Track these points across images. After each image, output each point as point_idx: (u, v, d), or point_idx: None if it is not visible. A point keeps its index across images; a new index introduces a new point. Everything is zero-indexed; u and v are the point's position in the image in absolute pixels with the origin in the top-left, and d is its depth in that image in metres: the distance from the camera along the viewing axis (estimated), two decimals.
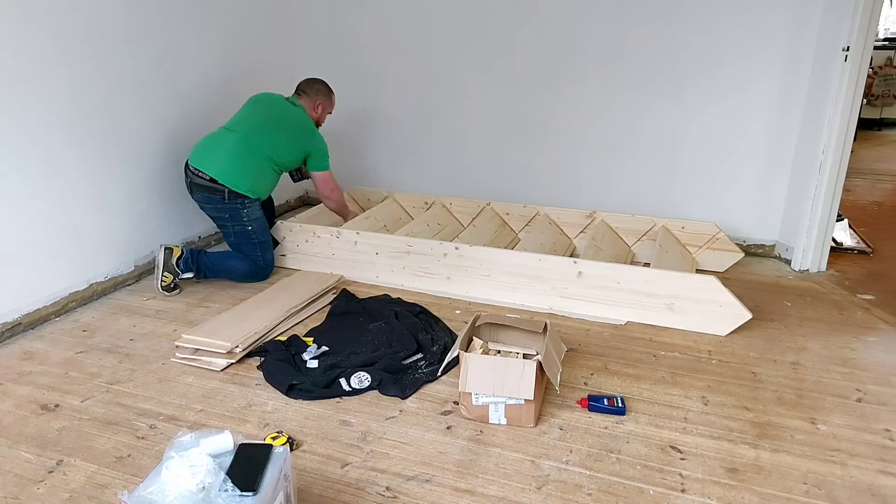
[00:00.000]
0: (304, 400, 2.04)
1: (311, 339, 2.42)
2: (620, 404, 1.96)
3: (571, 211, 3.42)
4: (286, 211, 4.11)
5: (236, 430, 1.75)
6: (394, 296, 2.82)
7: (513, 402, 1.86)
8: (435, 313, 2.65)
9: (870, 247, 3.38)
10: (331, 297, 2.80)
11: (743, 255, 3.14)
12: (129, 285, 2.98)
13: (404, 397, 2.05)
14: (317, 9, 3.87)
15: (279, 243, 3.16)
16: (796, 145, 3.12)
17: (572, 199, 3.58)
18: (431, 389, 2.11)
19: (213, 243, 3.50)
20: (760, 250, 3.34)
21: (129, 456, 1.78)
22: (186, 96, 3.19)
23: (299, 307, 2.63)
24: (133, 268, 3.01)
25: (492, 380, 1.85)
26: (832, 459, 1.75)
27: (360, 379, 2.11)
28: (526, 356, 2.04)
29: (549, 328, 2.10)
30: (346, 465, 1.74)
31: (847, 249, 3.34)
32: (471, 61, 3.63)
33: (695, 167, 3.35)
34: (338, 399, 2.05)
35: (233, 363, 2.26)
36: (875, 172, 5.25)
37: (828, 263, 3.11)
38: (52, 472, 1.72)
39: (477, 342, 2.04)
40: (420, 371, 2.19)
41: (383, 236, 2.99)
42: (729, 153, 3.27)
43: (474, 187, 3.80)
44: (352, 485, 1.66)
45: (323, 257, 3.09)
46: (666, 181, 3.42)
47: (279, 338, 2.41)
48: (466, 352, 1.94)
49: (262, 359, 2.27)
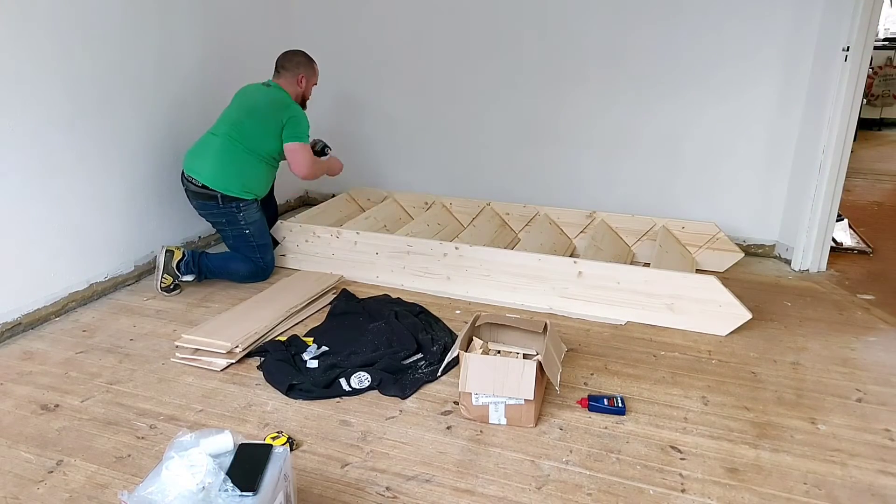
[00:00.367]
0: (304, 400, 2.04)
1: (311, 339, 2.42)
2: (620, 404, 1.96)
3: (571, 211, 3.42)
4: (286, 211, 4.10)
5: (236, 430, 1.75)
6: (394, 296, 2.82)
7: (513, 402, 1.86)
8: (435, 313, 2.65)
9: (870, 247, 3.37)
10: (331, 297, 2.80)
11: (743, 255, 3.14)
12: (129, 285, 2.98)
13: (404, 397, 2.05)
14: (316, 8, 3.87)
15: (279, 243, 3.16)
16: (796, 145, 3.12)
17: (572, 199, 3.58)
18: (431, 389, 2.11)
19: (213, 243, 3.50)
20: (760, 250, 3.34)
21: (129, 456, 1.78)
22: (186, 96, 3.19)
23: (299, 307, 2.63)
24: (133, 268, 3.01)
25: (492, 380, 1.85)
26: (832, 459, 1.75)
27: (360, 379, 2.11)
28: (526, 356, 2.04)
29: (549, 328, 2.10)
30: (346, 465, 1.74)
31: (847, 249, 3.34)
32: (471, 61, 3.63)
33: (695, 167, 3.35)
34: (338, 399, 2.05)
35: (233, 363, 2.26)
36: (875, 172, 5.25)
37: (828, 263, 3.11)
38: (52, 472, 1.72)
39: (477, 342, 2.04)
40: (420, 371, 2.19)
41: (383, 236, 2.99)
42: (729, 153, 3.27)
43: (474, 187, 3.80)
44: (352, 485, 1.66)
45: (323, 257, 3.09)
46: (666, 181, 3.42)
47: (279, 338, 2.41)
48: (466, 352, 1.94)
49: (262, 359, 2.27)
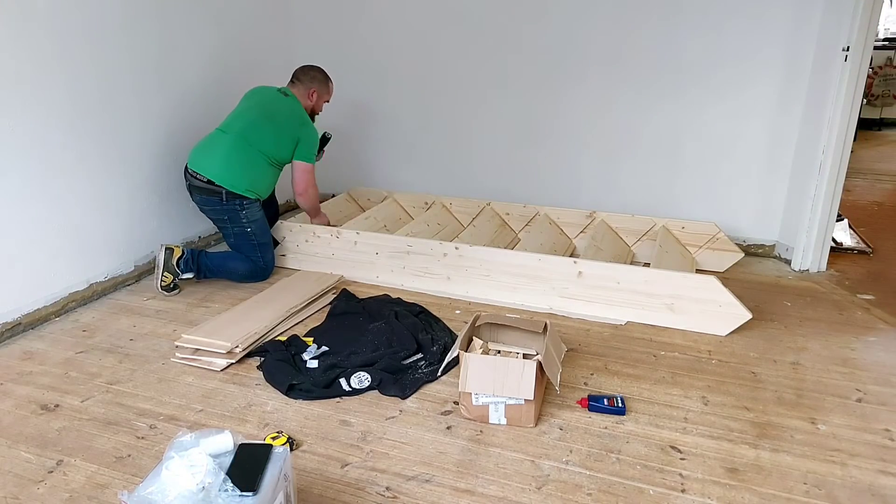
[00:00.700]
0: (304, 400, 2.04)
1: (311, 339, 2.42)
2: (620, 404, 1.96)
3: (571, 211, 3.42)
4: (286, 211, 4.10)
5: (236, 430, 1.74)
6: (394, 296, 2.82)
7: (513, 402, 1.86)
8: (435, 313, 2.65)
9: (870, 247, 3.37)
10: (331, 297, 2.80)
11: (743, 255, 3.14)
12: (129, 285, 2.98)
13: (404, 397, 2.05)
14: (316, 7, 3.87)
15: (279, 243, 3.16)
16: (796, 145, 3.12)
17: (572, 199, 3.58)
18: (431, 389, 2.11)
19: (213, 243, 3.50)
20: (760, 250, 3.34)
21: (129, 456, 1.78)
22: (186, 96, 3.19)
23: (299, 307, 2.63)
24: (133, 268, 3.01)
25: (492, 380, 1.85)
26: (832, 459, 1.75)
27: (360, 379, 2.11)
28: (526, 356, 2.04)
29: (549, 328, 2.10)
30: (346, 465, 1.74)
31: (847, 249, 3.34)
32: (471, 61, 3.63)
33: (695, 167, 3.35)
34: (338, 399, 2.05)
35: (233, 363, 2.26)
36: (875, 172, 5.25)
37: (828, 263, 3.11)
38: (52, 472, 1.72)
39: (477, 342, 2.04)
40: (420, 371, 2.19)
41: (383, 236, 2.99)
42: (729, 153, 3.27)
43: (474, 187, 3.80)
44: (352, 485, 1.66)
45: (323, 257, 3.09)
46: (666, 181, 3.42)
47: (279, 338, 2.41)
48: (466, 352, 1.94)
49: (262, 359, 2.27)
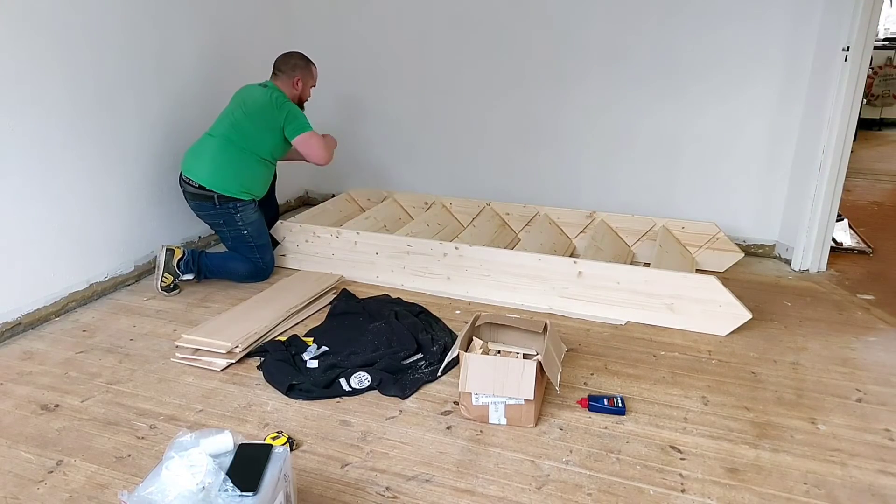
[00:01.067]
0: (304, 400, 2.04)
1: (311, 339, 2.42)
2: (620, 404, 1.96)
3: (571, 211, 3.41)
4: (286, 211, 4.10)
5: (236, 430, 1.75)
6: (394, 296, 2.82)
7: (513, 402, 1.86)
8: (435, 313, 2.65)
9: (870, 247, 3.37)
10: (331, 297, 2.80)
11: (743, 255, 3.14)
12: (129, 285, 2.98)
13: (404, 397, 2.05)
14: (316, 7, 3.87)
15: (279, 243, 3.16)
16: (796, 145, 3.12)
17: (572, 199, 3.58)
18: (431, 389, 2.11)
19: (213, 243, 3.50)
20: (760, 250, 3.34)
21: (129, 456, 1.78)
22: (186, 96, 3.19)
23: (299, 307, 2.63)
24: (133, 268, 3.01)
25: (492, 380, 1.85)
26: (832, 459, 1.76)
27: (360, 379, 2.11)
28: (526, 356, 2.04)
29: (549, 328, 2.10)
30: (346, 465, 1.74)
31: (847, 249, 3.34)
32: (471, 61, 3.63)
33: (695, 167, 3.35)
34: (338, 399, 2.05)
35: (233, 363, 2.26)
36: (875, 172, 5.25)
37: (828, 263, 3.11)
38: (52, 472, 1.72)
39: (477, 342, 2.04)
40: (420, 371, 2.19)
41: (383, 236, 2.99)
42: (729, 153, 3.27)
43: (474, 187, 3.80)
44: (352, 485, 1.66)
45: (323, 257, 3.09)
46: (666, 181, 3.42)
47: (279, 338, 2.41)
48: (466, 352, 1.94)
49: (262, 359, 2.27)
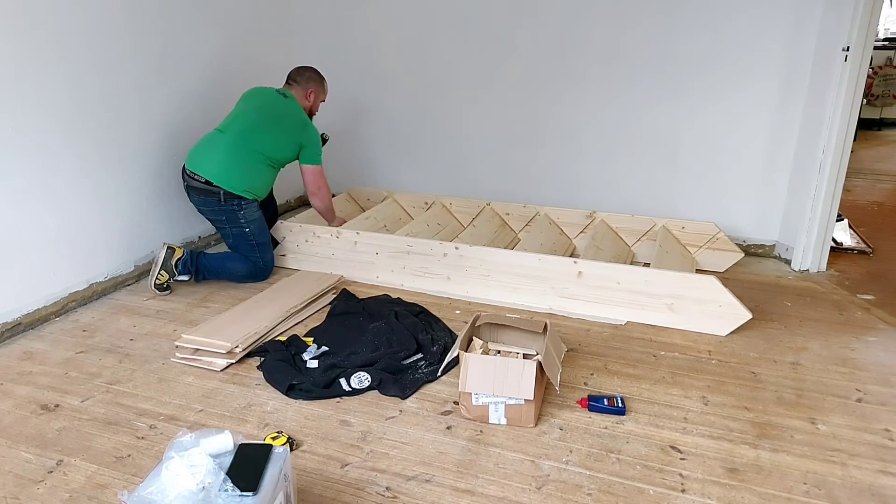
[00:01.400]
0: (304, 400, 2.04)
1: (311, 339, 2.42)
2: (620, 404, 1.96)
3: (571, 211, 3.42)
4: (286, 211, 4.10)
5: (236, 430, 1.75)
6: (394, 296, 2.82)
7: (513, 402, 1.86)
8: (435, 313, 2.65)
9: (870, 247, 3.37)
10: (331, 297, 2.80)
11: (743, 255, 3.14)
12: (129, 285, 2.98)
13: (404, 397, 2.05)
14: (316, 7, 3.87)
15: (279, 243, 3.16)
16: (796, 145, 3.12)
17: (572, 199, 3.58)
18: (431, 389, 2.11)
19: (213, 243, 3.50)
20: (760, 250, 3.34)
21: (129, 456, 1.78)
22: (186, 96, 3.19)
23: (299, 307, 2.63)
24: (133, 268, 3.01)
25: (492, 380, 1.85)
26: (832, 459, 1.76)
27: (360, 379, 2.11)
28: (526, 356, 2.04)
29: (549, 328, 2.10)
30: (346, 465, 1.74)
31: (847, 249, 3.34)
32: (471, 61, 3.63)
33: (695, 167, 3.35)
34: (338, 399, 2.05)
35: (233, 363, 2.26)
36: (875, 172, 5.25)
37: (828, 263, 3.11)
38: (52, 472, 1.72)
39: (477, 342, 2.04)
40: (420, 371, 2.19)
41: (383, 236, 2.99)
42: (729, 153, 3.26)
43: (474, 187, 3.80)
44: (352, 485, 1.66)
45: (323, 257, 3.09)
46: (666, 181, 3.42)
47: (279, 338, 2.41)
48: (466, 352, 1.94)
49: (262, 359, 2.27)
